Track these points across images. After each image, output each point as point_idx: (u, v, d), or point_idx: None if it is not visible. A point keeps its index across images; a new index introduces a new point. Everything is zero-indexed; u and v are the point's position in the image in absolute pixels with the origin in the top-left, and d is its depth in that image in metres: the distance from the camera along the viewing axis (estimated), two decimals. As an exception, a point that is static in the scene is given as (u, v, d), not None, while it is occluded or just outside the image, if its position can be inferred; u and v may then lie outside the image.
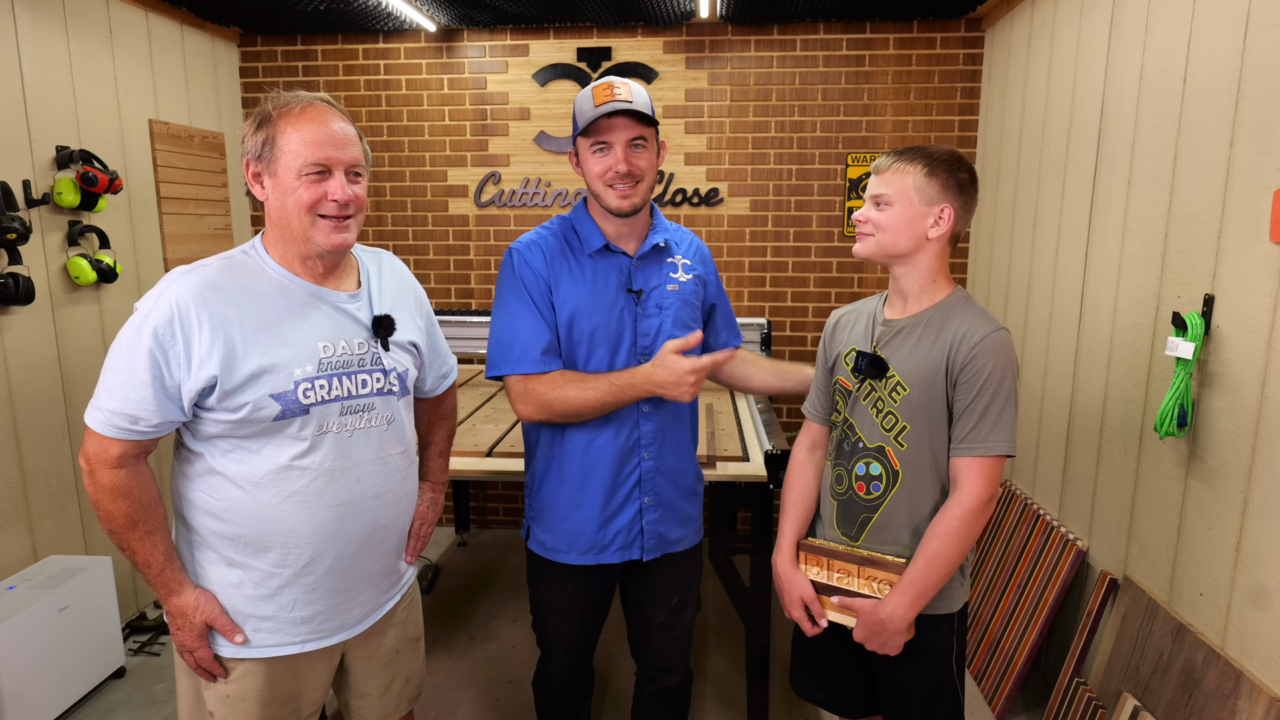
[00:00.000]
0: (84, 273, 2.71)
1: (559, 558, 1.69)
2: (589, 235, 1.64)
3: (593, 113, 1.53)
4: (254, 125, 1.30)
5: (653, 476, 1.68)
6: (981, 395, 1.40)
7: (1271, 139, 1.63)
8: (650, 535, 1.69)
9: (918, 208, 1.43)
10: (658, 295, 1.66)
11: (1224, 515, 1.77)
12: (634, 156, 1.56)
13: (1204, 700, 1.74)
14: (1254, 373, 1.68)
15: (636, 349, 1.64)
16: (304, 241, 1.33)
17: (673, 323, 1.66)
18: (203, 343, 1.25)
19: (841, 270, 3.71)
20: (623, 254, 1.65)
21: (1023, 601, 2.53)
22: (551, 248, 1.65)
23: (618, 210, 1.58)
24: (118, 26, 2.98)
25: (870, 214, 1.47)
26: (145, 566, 1.33)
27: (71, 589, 2.46)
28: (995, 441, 1.40)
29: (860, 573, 1.50)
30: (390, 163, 3.81)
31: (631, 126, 1.55)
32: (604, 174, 1.56)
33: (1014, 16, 3.10)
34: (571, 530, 1.67)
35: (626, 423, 1.64)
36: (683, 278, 1.70)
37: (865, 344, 1.53)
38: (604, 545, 1.67)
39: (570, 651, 1.80)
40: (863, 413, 1.52)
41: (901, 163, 1.44)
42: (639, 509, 1.67)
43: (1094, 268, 2.38)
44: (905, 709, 1.56)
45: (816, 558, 1.57)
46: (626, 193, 1.57)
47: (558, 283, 1.62)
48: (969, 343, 1.40)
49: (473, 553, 3.82)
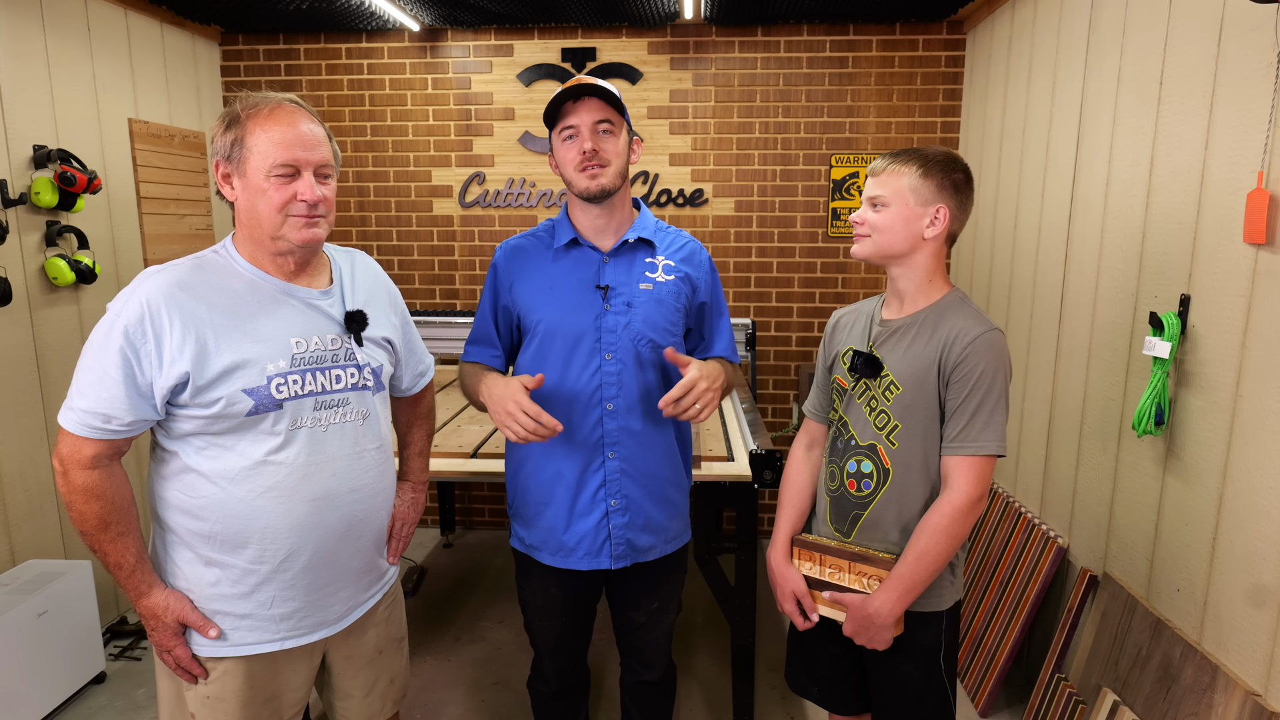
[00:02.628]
0: (62, 273, 2.68)
1: (536, 555, 1.70)
2: (560, 231, 1.66)
3: (559, 95, 1.55)
4: (223, 126, 1.32)
5: (619, 478, 1.64)
6: (973, 395, 1.41)
7: (1245, 140, 1.66)
8: (619, 541, 1.66)
9: (913, 208, 1.44)
10: (628, 292, 1.63)
11: (1200, 512, 1.80)
12: (600, 140, 1.56)
13: (1181, 694, 1.76)
14: (1229, 371, 1.70)
15: (601, 345, 1.61)
16: (275, 239, 1.33)
17: (643, 322, 1.62)
18: (174, 340, 1.25)
19: (826, 270, 3.73)
20: (594, 249, 1.65)
21: (1005, 599, 2.55)
22: (524, 248, 1.69)
23: (586, 192, 1.57)
24: (96, 24, 2.94)
25: (866, 215, 1.48)
26: (116, 568, 1.33)
27: (50, 593, 2.43)
28: (986, 441, 1.41)
29: (851, 568, 1.52)
30: (374, 163, 3.79)
31: (598, 108, 1.55)
32: (574, 158, 1.56)
33: (995, 19, 3.13)
34: (544, 528, 1.67)
35: (588, 418, 1.62)
36: (661, 278, 1.66)
37: (862, 344, 1.55)
38: (570, 549, 1.66)
39: (558, 651, 1.80)
40: (856, 411, 1.54)
41: (897, 164, 1.46)
42: (605, 512, 1.65)
43: (1073, 268, 2.41)
44: (893, 705, 1.57)
45: (810, 553, 1.58)
46: (595, 173, 1.56)
47: (517, 280, 1.67)
48: (961, 342, 1.41)
49: (458, 554, 3.81)
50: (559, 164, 1.62)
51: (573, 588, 1.72)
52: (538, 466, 1.66)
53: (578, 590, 1.73)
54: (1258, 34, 1.62)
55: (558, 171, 1.64)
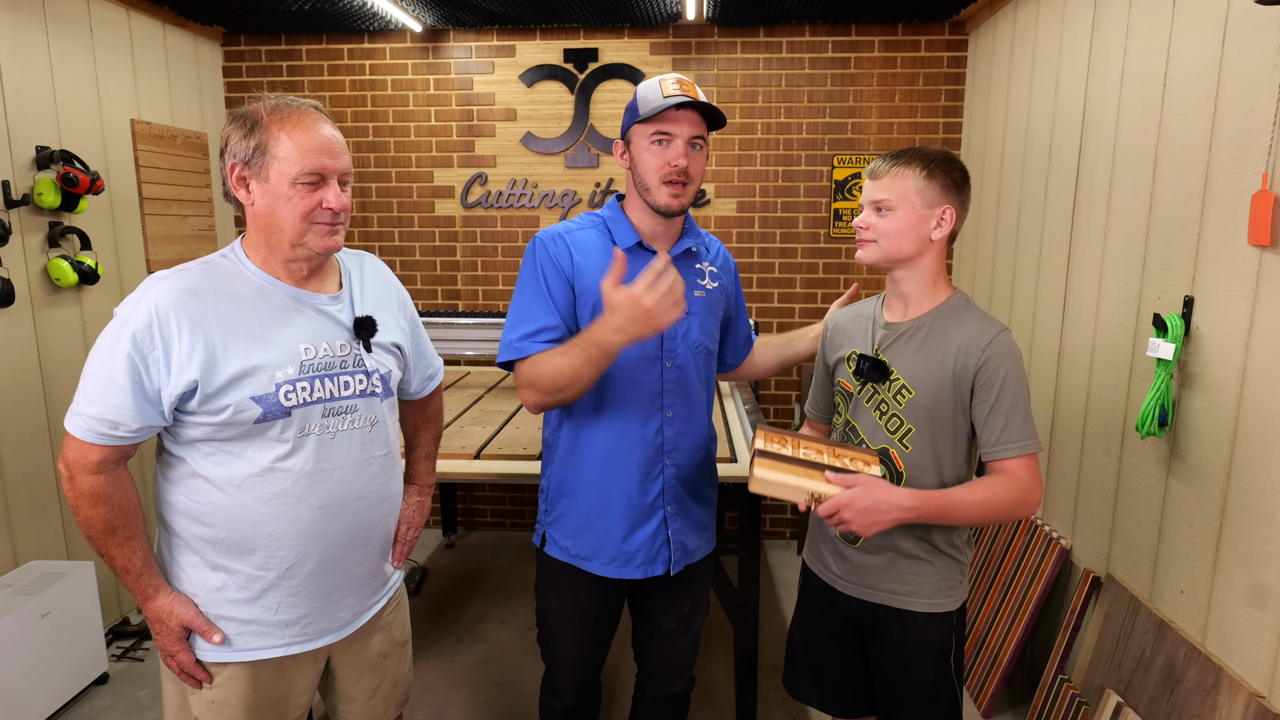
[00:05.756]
0: (65, 274, 2.68)
1: (584, 565, 1.64)
2: (622, 233, 1.59)
3: (661, 102, 1.48)
4: (244, 129, 1.29)
5: (674, 484, 1.63)
6: (1003, 396, 1.41)
7: (1249, 143, 1.65)
8: (675, 547, 1.64)
9: (920, 210, 1.42)
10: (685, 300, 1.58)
11: (1204, 514, 1.80)
12: (692, 156, 1.53)
13: (1185, 696, 1.76)
14: (1233, 373, 1.70)
15: (663, 353, 1.59)
16: (296, 245, 1.32)
17: (699, 329, 1.61)
18: (182, 347, 1.25)
19: (828, 271, 3.73)
20: (654, 254, 1.59)
21: (1007, 600, 2.55)
22: (581, 242, 1.58)
23: (666, 209, 1.53)
24: (98, 25, 2.94)
25: (872, 220, 1.45)
26: (123, 572, 1.33)
27: (53, 594, 2.43)
28: (1029, 439, 1.41)
29: (834, 453, 1.42)
30: (376, 164, 3.79)
31: (697, 124, 1.52)
32: (662, 167, 1.50)
33: (997, 20, 3.13)
34: (596, 538, 1.62)
35: (650, 425, 1.60)
36: (709, 285, 1.65)
37: (866, 347, 1.54)
38: (629, 557, 1.62)
39: (580, 665, 1.74)
40: (865, 415, 1.53)
41: (899, 166, 1.43)
42: (663, 518, 1.63)
43: (1076, 269, 2.41)
44: (905, 706, 1.57)
45: (780, 435, 1.48)
46: (678, 191, 1.52)
47: (582, 276, 1.55)
48: (979, 347, 1.41)
49: (460, 555, 3.81)
50: (637, 163, 1.54)
51: (603, 596, 1.67)
52: (595, 475, 1.60)
53: (609, 599, 1.69)
54: (1262, 36, 1.62)
55: (623, 161, 1.58)
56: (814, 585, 1.66)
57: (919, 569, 1.51)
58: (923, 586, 1.51)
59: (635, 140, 1.54)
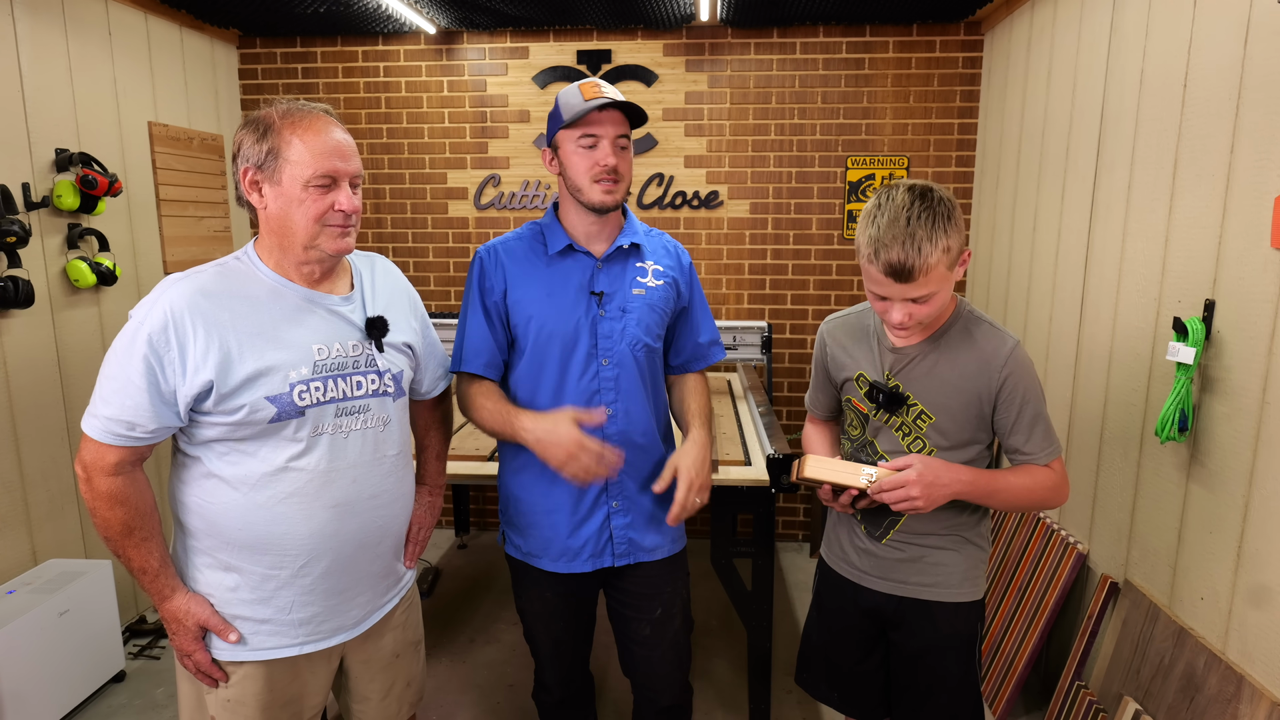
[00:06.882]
0: (83, 275, 2.70)
1: (535, 562, 1.69)
2: (553, 237, 1.64)
3: (584, 105, 1.52)
4: (256, 134, 1.31)
5: (620, 479, 1.65)
6: (1025, 411, 1.44)
7: (1272, 144, 1.63)
8: (620, 541, 1.67)
9: (951, 274, 1.36)
10: (621, 298, 1.64)
11: (1225, 520, 1.77)
12: (619, 156, 1.57)
13: (1205, 704, 1.74)
14: (1255, 378, 1.68)
15: (597, 352, 1.62)
16: (308, 248, 1.34)
17: (637, 326, 1.64)
18: (198, 348, 1.26)
19: (841, 273, 3.72)
20: (588, 255, 1.64)
21: (1023, 604, 2.53)
22: (515, 251, 1.65)
23: (600, 205, 1.57)
24: (117, 29, 2.97)
25: (913, 310, 1.37)
26: (140, 573, 1.34)
27: (71, 593, 2.45)
28: (1052, 446, 1.47)
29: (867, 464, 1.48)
30: (390, 165, 3.81)
31: (620, 122, 1.56)
32: (591, 168, 1.55)
33: (1013, 20, 3.10)
34: (543, 536, 1.67)
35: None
36: (651, 283, 1.67)
37: (875, 370, 1.53)
38: (575, 552, 1.66)
39: (558, 658, 1.79)
40: (888, 436, 1.54)
41: (920, 257, 1.30)
42: (607, 514, 1.66)
43: (1094, 272, 2.38)
44: (931, 700, 1.56)
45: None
46: (610, 187, 1.56)
47: (515, 286, 1.63)
48: (995, 368, 1.43)
49: (472, 555, 3.82)
50: (567, 167, 1.58)
51: (570, 590, 1.71)
52: (538, 474, 1.64)
53: (575, 593, 1.72)
54: (1286, 36, 1.60)
55: (554, 169, 1.62)
56: (834, 583, 1.66)
57: (946, 559, 1.53)
58: (950, 576, 1.53)
59: (563, 145, 1.59)
